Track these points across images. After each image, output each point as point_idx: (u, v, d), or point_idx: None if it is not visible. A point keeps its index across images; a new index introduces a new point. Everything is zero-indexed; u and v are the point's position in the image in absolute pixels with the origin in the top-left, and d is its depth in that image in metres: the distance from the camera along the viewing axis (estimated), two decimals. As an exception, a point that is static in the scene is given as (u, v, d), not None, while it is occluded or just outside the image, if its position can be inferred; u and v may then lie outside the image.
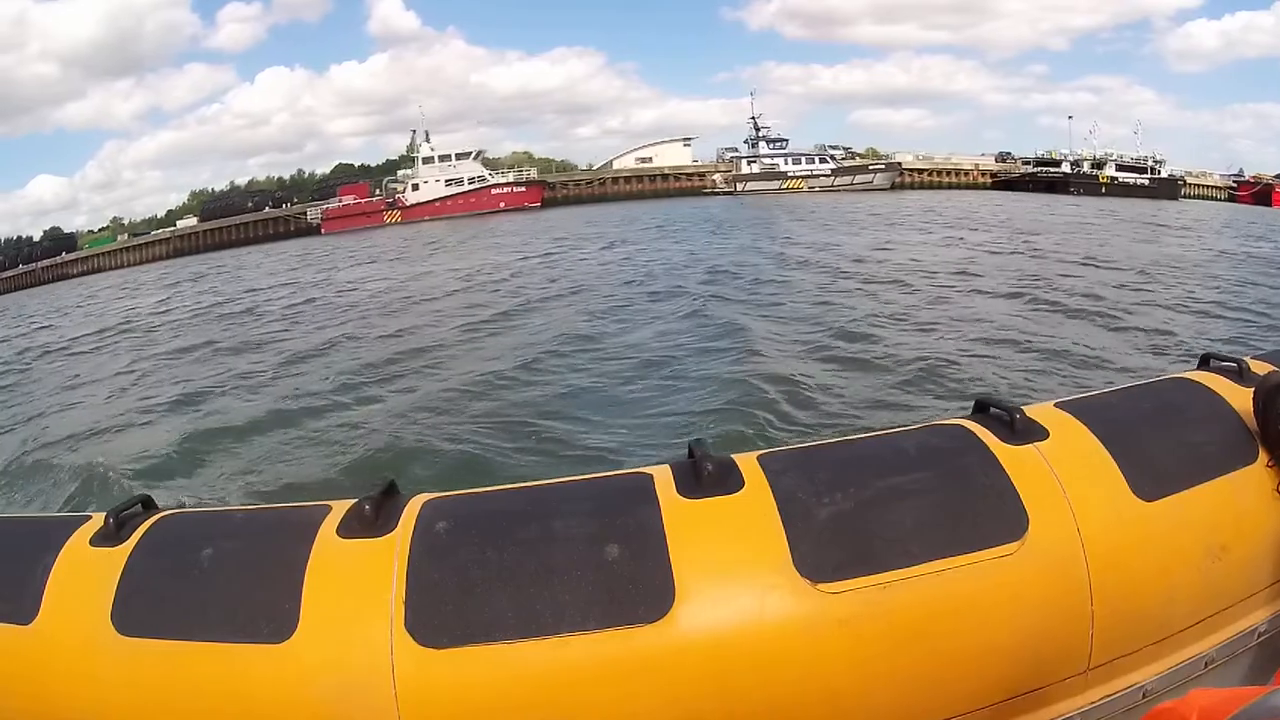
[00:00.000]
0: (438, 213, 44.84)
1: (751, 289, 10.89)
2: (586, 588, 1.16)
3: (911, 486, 1.29)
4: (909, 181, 52.50)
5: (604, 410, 5.40)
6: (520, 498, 1.36)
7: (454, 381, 6.56)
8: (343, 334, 9.79)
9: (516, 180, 47.61)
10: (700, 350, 7.07)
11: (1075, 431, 1.41)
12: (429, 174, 46.30)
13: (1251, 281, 10.92)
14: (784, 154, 50.00)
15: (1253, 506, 1.40)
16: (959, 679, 1.24)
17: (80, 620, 1.22)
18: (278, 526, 1.34)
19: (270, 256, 30.19)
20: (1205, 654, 1.41)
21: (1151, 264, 12.55)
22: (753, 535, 1.21)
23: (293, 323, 11.59)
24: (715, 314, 8.78)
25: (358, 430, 5.30)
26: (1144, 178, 51.47)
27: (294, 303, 14.07)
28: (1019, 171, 55.24)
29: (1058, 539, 1.26)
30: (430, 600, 1.16)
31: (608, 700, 1.14)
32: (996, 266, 12.41)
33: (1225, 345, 6.37)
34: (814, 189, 48.67)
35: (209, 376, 8.01)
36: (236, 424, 5.77)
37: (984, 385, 5.41)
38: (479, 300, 11.85)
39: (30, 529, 1.55)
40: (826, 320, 8.11)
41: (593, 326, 8.73)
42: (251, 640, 1.16)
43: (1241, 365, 1.60)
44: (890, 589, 1.18)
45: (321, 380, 7.06)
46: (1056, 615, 1.26)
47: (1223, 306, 8.77)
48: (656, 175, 53.11)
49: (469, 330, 9.17)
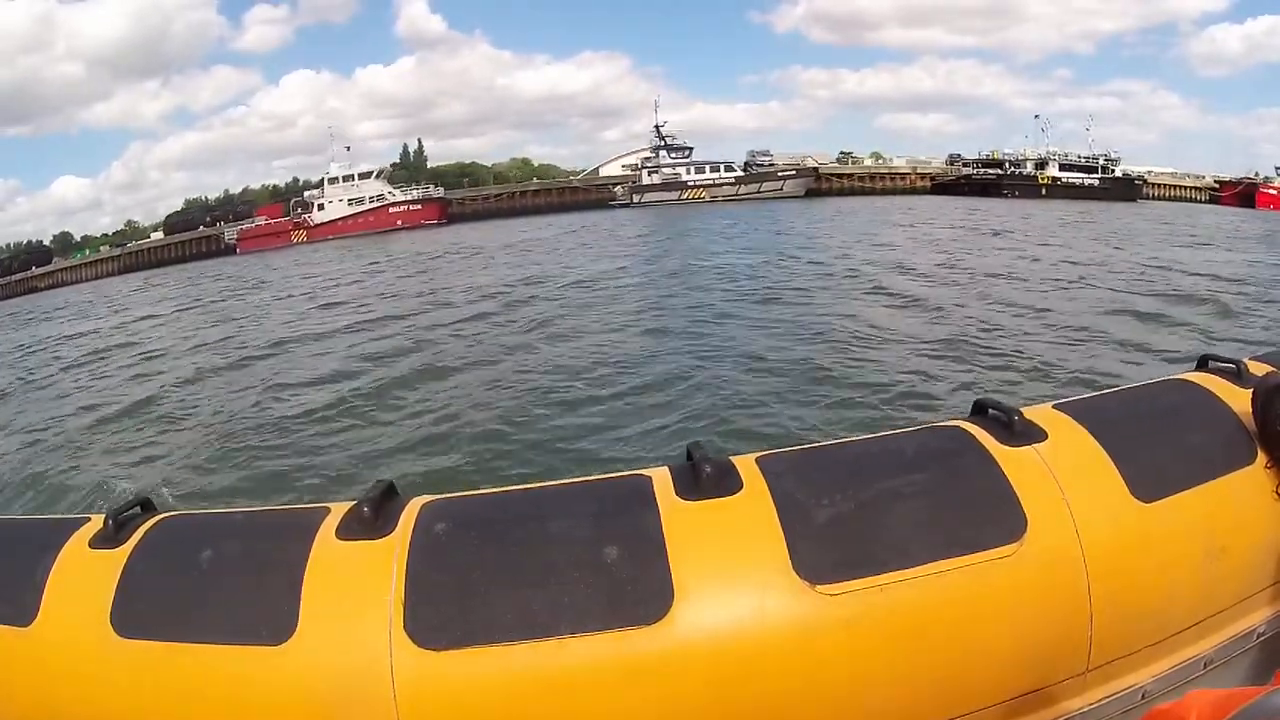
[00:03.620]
0: (340, 231, 45.85)
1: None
2: (585, 589, 1.15)
3: (910, 488, 1.28)
4: (830, 188, 50.29)
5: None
6: (519, 500, 1.36)
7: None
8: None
9: (415, 199, 48.12)
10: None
11: (1074, 433, 1.40)
12: (334, 194, 47.57)
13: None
14: (687, 163, 48.81)
15: (1251, 508, 1.39)
16: (958, 680, 1.24)
17: (79, 622, 1.22)
18: (277, 528, 1.34)
19: (140, 288, 29.03)
20: (1204, 655, 1.40)
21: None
22: (751, 537, 1.20)
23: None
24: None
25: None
26: (1093, 178, 47.79)
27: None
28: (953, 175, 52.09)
29: (1056, 540, 1.26)
30: (429, 602, 1.16)
31: (606, 702, 1.14)
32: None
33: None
34: (716, 198, 47.32)
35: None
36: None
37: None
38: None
39: (29, 530, 1.55)
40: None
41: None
42: (251, 642, 1.16)
43: (1240, 367, 1.60)
44: (889, 590, 1.17)
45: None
46: (1055, 617, 1.26)
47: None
48: (565, 187, 53.25)
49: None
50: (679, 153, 50.21)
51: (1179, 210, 37.26)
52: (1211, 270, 12.73)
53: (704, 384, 6.38)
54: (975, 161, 52.28)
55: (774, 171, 50.02)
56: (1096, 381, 5.71)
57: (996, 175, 49.34)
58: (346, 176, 47.81)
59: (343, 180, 47.69)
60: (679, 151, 50.28)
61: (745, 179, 49.12)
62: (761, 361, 7.06)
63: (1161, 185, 51.69)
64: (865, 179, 52.65)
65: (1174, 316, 8.67)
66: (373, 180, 48.05)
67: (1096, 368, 6.38)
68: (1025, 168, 49.45)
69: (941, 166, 54.51)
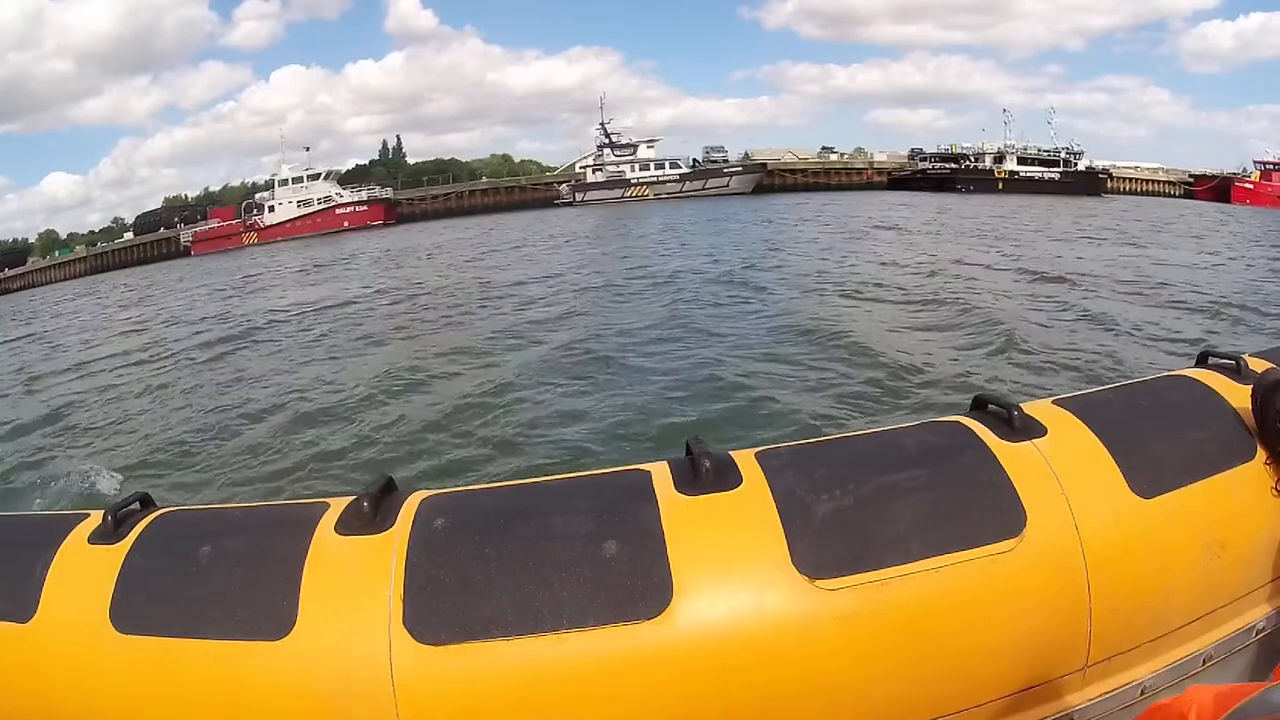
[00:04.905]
0: (289, 233, 46.27)
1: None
2: (585, 584, 1.16)
3: (910, 483, 1.28)
4: (781, 183, 49.38)
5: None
6: (518, 494, 1.36)
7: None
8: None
9: (361, 200, 48.40)
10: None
11: (1073, 428, 1.40)
12: (284, 196, 47.96)
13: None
14: (630, 160, 48.31)
15: (1251, 504, 1.39)
16: (957, 675, 1.24)
17: (78, 618, 1.22)
18: (276, 523, 1.34)
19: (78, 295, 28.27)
20: (1203, 651, 1.40)
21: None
22: (751, 532, 1.21)
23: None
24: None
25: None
26: (1054, 171, 46.24)
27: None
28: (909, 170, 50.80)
29: (1056, 536, 1.26)
30: (428, 597, 1.16)
31: (606, 696, 1.14)
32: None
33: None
34: (660, 195, 46.78)
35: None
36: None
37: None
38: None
39: (29, 526, 1.54)
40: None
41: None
42: (250, 637, 1.16)
43: (1240, 363, 1.60)
44: (888, 586, 1.18)
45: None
46: (1055, 612, 1.26)
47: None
48: (514, 187, 53.01)
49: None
50: (624, 150, 49.92)
51: (1144, 204, 35.94)
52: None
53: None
54: (933, 156, 50.92)
55: (720, 168, 49.48)
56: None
57: (950, 170, 47.98)
58: (296, 178, 48.25)
59: (292, 182, 48.15)
60: (624, 149, 49.99)
61: (690, 176, 48.56)
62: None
63: (1132, 180, 49.79)
64: (820, 174, 51.56)
65: (964, 323, 7.85)
66: (321, 182, 48.46)
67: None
68: (985, 162, 47.99)
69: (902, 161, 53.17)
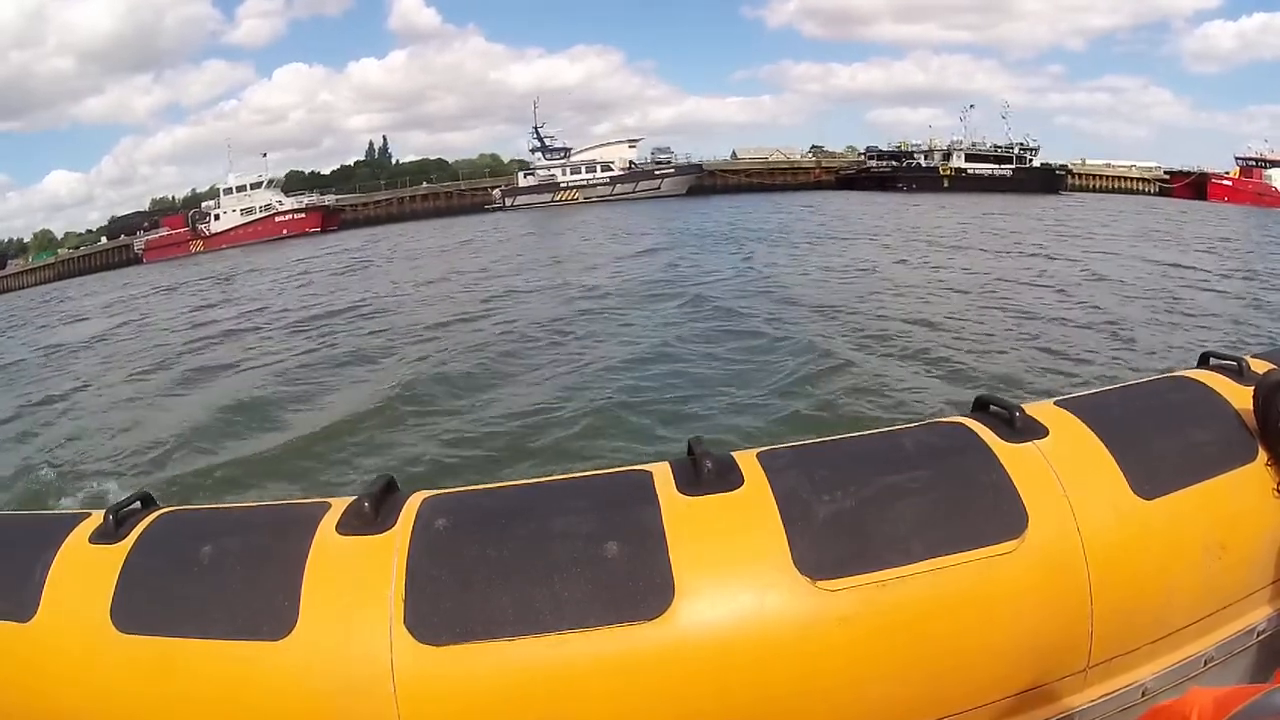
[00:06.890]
0: (233, 241, 46.78)
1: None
2: (586, 585, 1.15)
3: (911, 484, 1.28)
4: (723, 184, 48.11)
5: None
6: (519, 495, 1.36)
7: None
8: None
9: (299, 208, 48.92)
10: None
11: (1075, 429, 1.40)
12: (229, 204, 48.59)
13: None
14: (561, 164, 47.78)
15: (1252, 505, 1.39)
16: (958, 677, 1.24)
17: (79, 618, 1.22)
18: (277, 523, 1.33)
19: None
20: (1205, 652, 1.41)
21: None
22: (752, 533, 1.21)
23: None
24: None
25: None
26: (1005, 169, 44.09)
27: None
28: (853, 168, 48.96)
29: (1057, 537, 1.26)
30: (429, 597, 1.16)
31: (607, 697, 1.14)
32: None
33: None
34: (590, 199, 46.13)
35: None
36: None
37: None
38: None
39: (29, 526, 1.54)
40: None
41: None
42: (251, 637, 1.16)
43: (1241, 364, 1.60)
44: (889, 587, 1.18)
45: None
46: (1056, 613, 1.26)
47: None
48: (452, 191, 52.89)
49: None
50: (555, 154, 49.55)
51: (1099, 201, 34.58)
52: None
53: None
54: (885, 153, 48.93)
55: (651, 171, 48.71)
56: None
57: (892, 169, 46.04)
58: (240, 187, 48.74)
59: (236, 190, 48.78)
60: (555, 153, 49.61)
61: (621, 179, 47.84)
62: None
63: (1098, 176, 47.02)
64: (764, 174, 50.12)
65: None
66: (263, 190, 49.03)
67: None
68: (933, 159, 45.87)
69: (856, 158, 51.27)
